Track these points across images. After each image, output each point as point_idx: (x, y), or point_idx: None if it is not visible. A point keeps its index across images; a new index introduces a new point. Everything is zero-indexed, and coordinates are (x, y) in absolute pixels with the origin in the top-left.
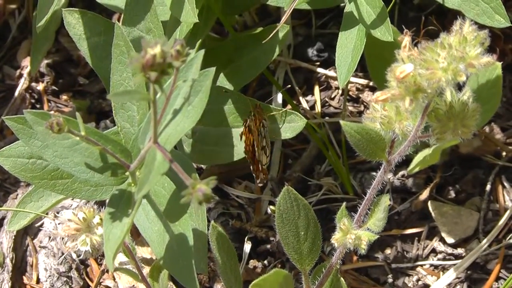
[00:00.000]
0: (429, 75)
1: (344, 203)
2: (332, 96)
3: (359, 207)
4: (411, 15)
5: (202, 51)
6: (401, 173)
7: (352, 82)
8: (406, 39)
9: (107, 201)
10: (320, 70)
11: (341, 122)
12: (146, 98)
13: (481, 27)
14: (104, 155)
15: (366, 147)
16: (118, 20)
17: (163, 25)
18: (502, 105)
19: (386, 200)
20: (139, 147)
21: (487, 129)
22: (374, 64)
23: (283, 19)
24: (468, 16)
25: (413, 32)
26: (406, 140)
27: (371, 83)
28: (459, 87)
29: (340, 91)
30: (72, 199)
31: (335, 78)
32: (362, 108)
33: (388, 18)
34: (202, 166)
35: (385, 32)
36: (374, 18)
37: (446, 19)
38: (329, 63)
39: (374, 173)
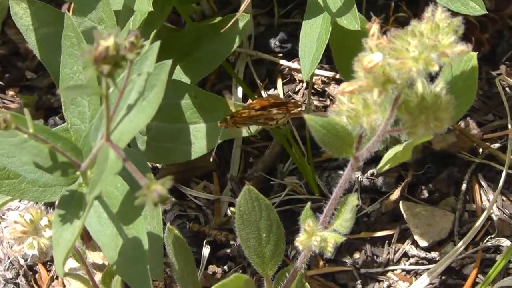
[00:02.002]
0: (399, 65)
1: (309, 203)
2: (296, 89)
3: (325, 208)
4: (380, 2)
5: (158, 43)
6: (370, 171)
7: (317, 75)
8: (374, 27)
9: (56, 202)
10: (283, 62)
11: (305, 116)
12: (98, 92)
13: (455, 15)
14: (54, 153)
15: (332, 142)
16: (69, 10)
17: (116, 15)
18: (478, 98)
19: (353, 200)
20: (91, 145)
21: (462, 124)
22: (340, 54)
23: (243, 7)
24: (440, 3)
25: (382, 20)
26: (374, 135)
27: (337, 76)
28: (432, 78)
29: (304, 84)
30: (20, 201)
31: (299, 71)
32: (328, 102)
33: (355, 6)
34: (158, 165)
35: (351, 20)
36: (340, 6)
37: (419, 6)
38: (292, 54)
39: (341, 172)
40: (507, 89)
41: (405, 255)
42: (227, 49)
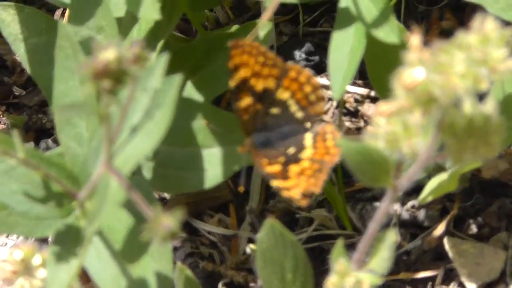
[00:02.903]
0: (443, 82)
1: (341, 239)
2: (325, 108)
3: (359, 245)
4: (421, 9)
5: (166, 55)
6: (410, 203)
7: (350, 92)
8: (415, 38)
9: (50, 237)
10: None
11: (339, 140)
12: (98, 112)
13: (507, 25)
14: (47, 182)
15: (366, 170)
16: (63, 17)
17: (118, 23)
18: None
19: (392, 235)
20: (89, 172)
21: None
22: (376, 69)
23: (266, 13)
24: (490, 11)
25: (424, 29)
26: (416, 162)
27: (372, 93)
28: (481, 97)
29: (334, 103)
30: (7, 236)
31: (328, 87)
32: (361, 123)
33: (393, 15)
34: (166, 195)
35: (389, 32)
36: (375, 14)
37: (464, 13)
38: (320, 68)
39: (377, 204)
40: None
41: None
42: None
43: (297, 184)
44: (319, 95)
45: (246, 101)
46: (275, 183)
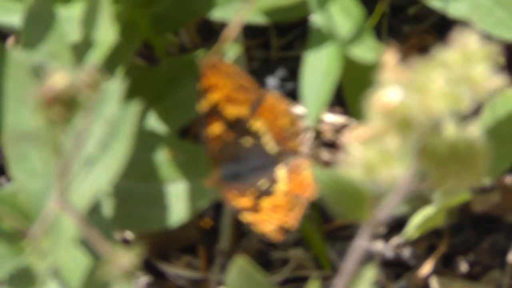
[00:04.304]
0: (421, 102)
1: (316, 278)
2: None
3: (335, 282)
4: (405, 29)
5: (122, 80)
6: (394, 240)
7: (328, 122)
8: (390, 56)
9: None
10: None
11: (313, 169)
12: (49, 143)
13: (490, 40)
14: None
15: (342, 201)
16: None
17: (73, 47)
18: None
19: (371, 272)
20: (43, 208)
21: (508, 179)
22: (354, 93)
23: (228, 33)
24: (480, 28)
25: (407, 49)
26: (395, 191)
27: (353, 123)
28: (468, 120)
29: (310, 134)
30: None
31: (304, 116)
32: (341, 156)
33: (371, 32)
34: (129, 236)
35: (365, 50)
36: (351, 32)
37: (452, 33)
38: (295, 95)
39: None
40: None
41: None
42: None
43: (270, 219)
44: (297, 129)
45: (215, 128)
46: (245, 218)
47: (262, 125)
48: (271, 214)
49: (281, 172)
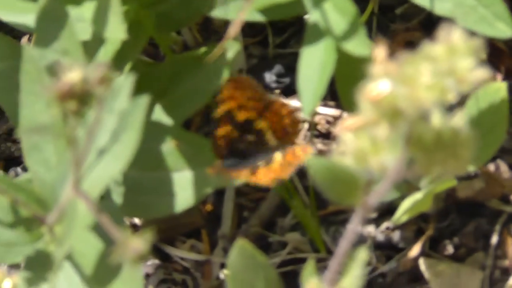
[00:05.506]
0: (409, 94)
1: (312, 260)
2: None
3: (330, 263)
4: (393, 27)
5: (132, 76)
6: (385, 225)
7: (321, 114)
8: (381, 51)
9: (22, 263)
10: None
11: (307, 159)
12: (64, 135)
13: (473, 35)
14: (15, 207)
15: (336, 188)
16: (30, 42)
17: (84, 45)
18: (510, 137)
19: (363, 254)
20: (58, 196)
21: (491, 167)
22: (346, 86)
23: (231, 31)
24: (463, 25)
25: (394, 46)
26: (385, 178)
27: (344, 114)
28: (454, 111)
29: (306, 125)
30: None
31: (299, 109)
32: (334, 145)
33: (363, 28)
34: (137, 221)
35: (358, 44)
36: (344, 28)
37: (437, 31)
38: (291, 90)
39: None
40: None
41: None
42: (213, 85)
43: (265, 177)
44: (297, 128)
45: (225, 129)
46: (243, 178)
47: (266, 126)
48: (266, 173)
49: (277, 155)
